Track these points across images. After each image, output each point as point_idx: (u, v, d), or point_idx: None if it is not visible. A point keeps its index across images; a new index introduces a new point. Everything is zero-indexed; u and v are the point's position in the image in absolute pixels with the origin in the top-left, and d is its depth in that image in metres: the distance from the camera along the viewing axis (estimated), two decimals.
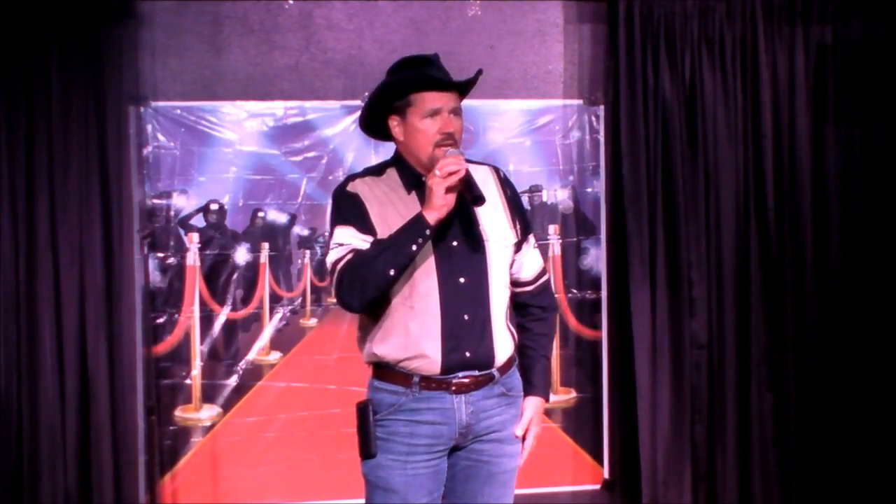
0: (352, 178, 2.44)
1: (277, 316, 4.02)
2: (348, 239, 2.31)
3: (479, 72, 2.45)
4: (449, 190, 2.23)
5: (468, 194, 2.29)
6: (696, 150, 4.03)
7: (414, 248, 2.23)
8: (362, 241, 2.30)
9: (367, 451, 2.35)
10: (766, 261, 4.06)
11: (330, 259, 2.31)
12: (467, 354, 2.32)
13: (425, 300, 2.30)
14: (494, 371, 2.37)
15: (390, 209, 2.34)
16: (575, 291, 4.17)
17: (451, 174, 2.23)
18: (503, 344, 2.38)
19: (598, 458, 4.16)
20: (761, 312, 4.06)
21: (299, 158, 3.99)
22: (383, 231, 2.31)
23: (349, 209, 2.35)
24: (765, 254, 4.06)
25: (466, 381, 2.33)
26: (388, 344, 2.33)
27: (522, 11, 4.11)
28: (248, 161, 3.98)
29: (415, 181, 2.37)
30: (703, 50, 4.02)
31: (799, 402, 4.08)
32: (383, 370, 2.37)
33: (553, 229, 4.15)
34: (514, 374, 2.44)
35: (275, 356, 4.02)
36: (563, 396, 4.17)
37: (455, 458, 2.39)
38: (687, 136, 4.03)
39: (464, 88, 2.44)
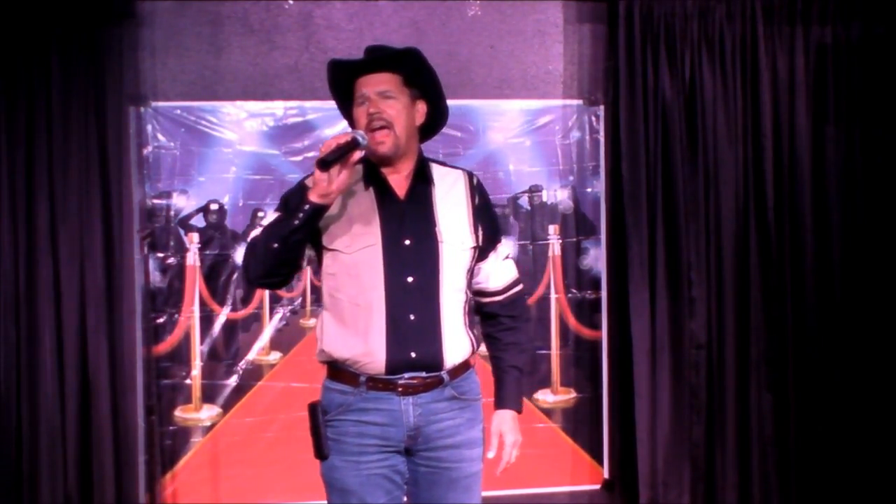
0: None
1: (277, 316, 4.02)
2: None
3: (412, 48, 2.40)
4: (323, 166, 2.17)
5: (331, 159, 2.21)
6: (696, 150, 4.03)
7: (295, 222, 2.21)
8: None
9: (320, 453, 2.35)
10: (765, 261, 4.06)
11: (250, 237, 2.37)
12: (413, 355, 2.30)
13: (370, 298, 2.29)
14: (443, 374, 2.35)
15: (339, 203, 2.31)
16: (575, 291, 4.17)
17: (326, 149, 2.20)
18: (454, 346, 2.35)
19: (598, 458, 4.16)
20: (761, 312, 4.06)
21: (299, 158, 3.98)
22: (327, 223, 2.31)
23: (293, 198, 2.34)
24: (765, 254, 4.06)
25: (414, 382, 2.32)
26: (335, 341, 2.33)
27: (522, 11, 4.11)
28: (248, 161, 3.98)
29: (371, 176, 2.36)
30: (703, 50, 4.02)
31: (798, 403, 4.08)
32: (334, 369, 2.37)
33: (553, 229, 4.15)
34: (468, 377, 2.42)
35: (275, 356, 4.02)
36: (562, 396, 4.17)
37: (414, 465, 2.37)
38: (687, 136, 4.04)
39: (407, 70, 2.39)
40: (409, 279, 2.30)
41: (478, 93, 4.09)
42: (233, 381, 3.99)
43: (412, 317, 2.30)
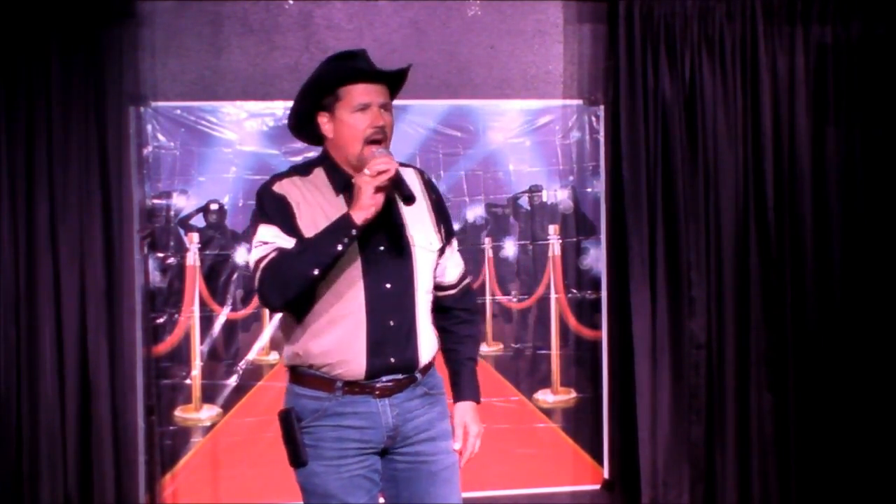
0: (278, 177, 2.37)
1: (278, 316, 4.01)
2: (272, 237, 2.26)
3: (409, 66, 2.41)
4: (378, 190, 2.20)
5: (399, 194, 2.26)
6: (696, 150, 4.03)
7: (339, 248, 2.19)
8: (286, 241, 2.25)
9: (297, 460, 2.33)
10: (765, 261, 4.06)
11: (253, 257, 2.27)
12: (392, 360, 2.31)
13: (351, 306, 2.28)
14: (417, 373, 2.37)
15: (318, 212, 2.29)
16: (575, 291, 4.17)
17: (380, 174, 2.19)
18: (427, 347, 2.38)
19: (598, 458, 4.16)
20: (761, 312, 4.06)
21: (299, 158, 3.96)
22: (311, 234, 2.27)
23: (274, 209, 2.29)
24: (765, 254, 4.06)
25: (390, 384, 2.33)
26: (312, 348, 2.31)
27: (522, 11, 4.11)
28: (248, 161, 3.98)
29: (343, 183, 2.33)
30: (703, 50, 4.02)
31: (798, 402, 4.08)
32: (304, 375, 2.35)
33: (553, 229, 4.15)
34: (433, 373, 2.44)
35: (275, 356, 4.02)
36: (563, 396, 4.17)
37: (393, 464, 2.38)
38: (687, 136, 4.04)
39: (393, 85, 2.39)
40: (388, 285, 2.31)
41: (478, 93, 4.09)
42: (233, 381, 3.99)
43: (391, 322, 2.31)
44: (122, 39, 3.80)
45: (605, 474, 4.15)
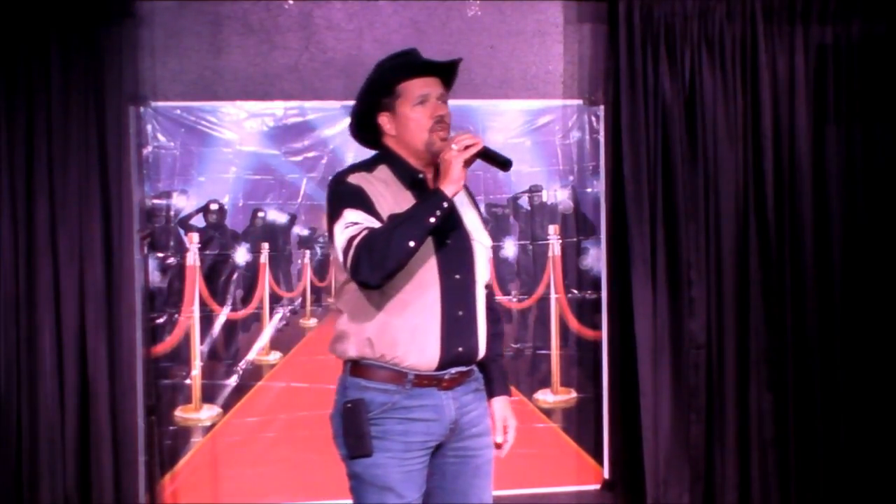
0: (347, 172, 2.38)
1: (277, 316, 4.02)
2: (361, 219, 2.26)
3: (460, 59, 2.49)
4: (466, 164, 2.26)
5: (495, 162, 2.35)
6: (696, 150, 4.03)
7: (432, 220, 2.22)
8: (374, 223, 2.26)
9: (362, 451, 2.32)
10: (765, 261, 4.06)
11: (344, 237, 2.24)
12: (460, 350, 2.36)
13: (427, 295, 2.31)
14: (474, 366, 2.44)
15: (393, 204, 2.32)
16: (575, 291, 4.17)
17: (467, 147, 2.26)
18: (484, 340, 2.43)
19: (599, 458, 4.16)
20: (761, 312, 4.06)
21: (299, 158, 3.99)
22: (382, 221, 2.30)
23: (356, 197, 2.30)
24: (764, 254, 4.06)
25: (456, 376, 2.37)
26: (387, 334, 2.31)
27: (522, 11, 4.11)
28: (248, 161, 3.98)
29: (411, 178, 2.38)
30: (703, 50, 4.02)
31: (798, 402, 4.08)
32: (372, 367, 2.34)
33: (553, 229, 4.15)
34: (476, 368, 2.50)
35: (275, 356, 4.02)
36: (563, 396, 4.17)
37: (441, 458, 2.40)
38: (687, 136, 4.04)
39: (448, 76, 2.47)
40: (457, 276, 2.36)
41: (478, 93, 4.09)
42: (233, 381, 3.99)
43: (460, 313, 2.35)
44: (122, 39, 3.80)
45: (606, 474, 4.15)
